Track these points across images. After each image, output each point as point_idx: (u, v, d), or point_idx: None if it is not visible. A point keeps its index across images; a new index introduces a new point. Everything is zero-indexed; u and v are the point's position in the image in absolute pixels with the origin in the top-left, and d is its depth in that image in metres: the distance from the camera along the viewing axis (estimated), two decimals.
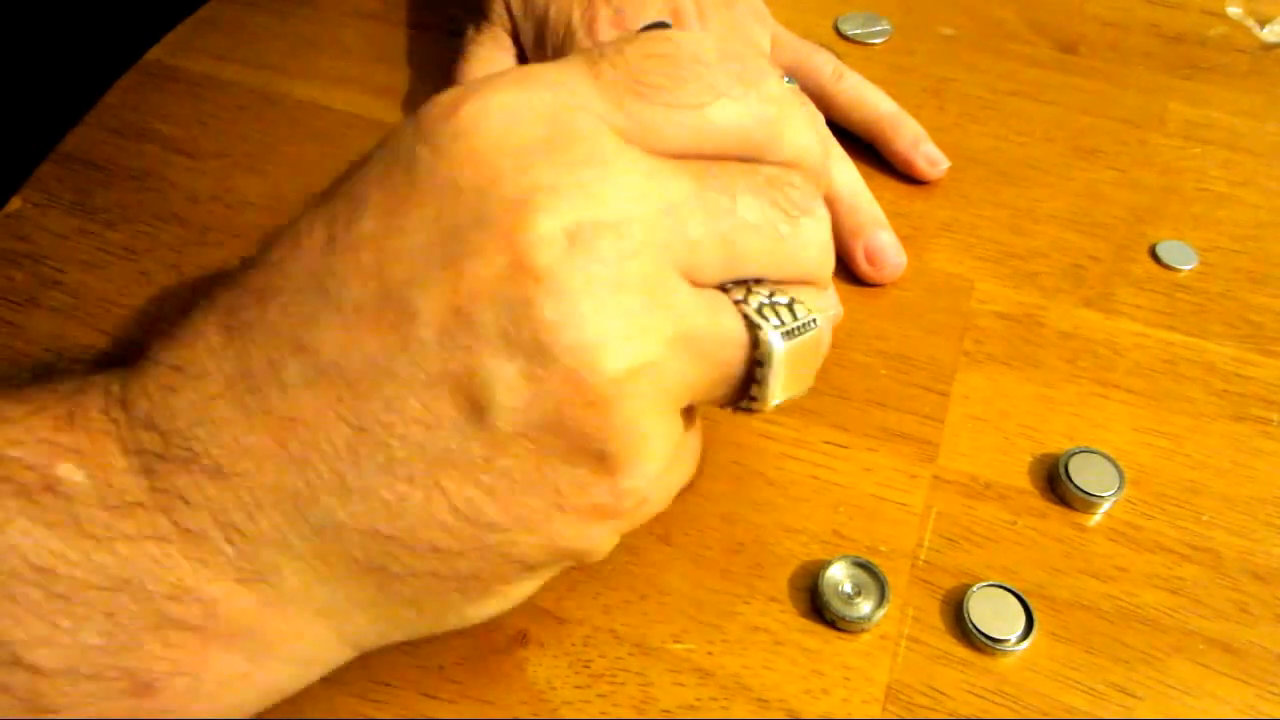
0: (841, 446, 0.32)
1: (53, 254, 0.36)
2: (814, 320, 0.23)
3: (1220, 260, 0.39)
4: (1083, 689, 0.27)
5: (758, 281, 0.23)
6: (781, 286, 0.23)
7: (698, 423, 0.25)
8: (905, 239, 0.37)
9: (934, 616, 0.28)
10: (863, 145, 0.41)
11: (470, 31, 0.43)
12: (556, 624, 0.28)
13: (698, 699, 0.26)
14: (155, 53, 0.45)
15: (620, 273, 0.20)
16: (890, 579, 0.28)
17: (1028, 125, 0.44)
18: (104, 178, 0.39)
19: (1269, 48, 0.50)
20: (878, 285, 0.37)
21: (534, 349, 0.19)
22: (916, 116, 0.41)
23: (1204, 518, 0.31)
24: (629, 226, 0.20)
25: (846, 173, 0.38)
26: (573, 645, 0.27)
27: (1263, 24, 0.51)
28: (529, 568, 0.23)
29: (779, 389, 0.23)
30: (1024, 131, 0.44)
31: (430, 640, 0.27)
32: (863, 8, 0.50)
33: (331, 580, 0.21)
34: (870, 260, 0.36)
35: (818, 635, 0.28)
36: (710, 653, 0.27)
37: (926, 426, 0.33)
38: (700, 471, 0.31)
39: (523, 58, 0.42)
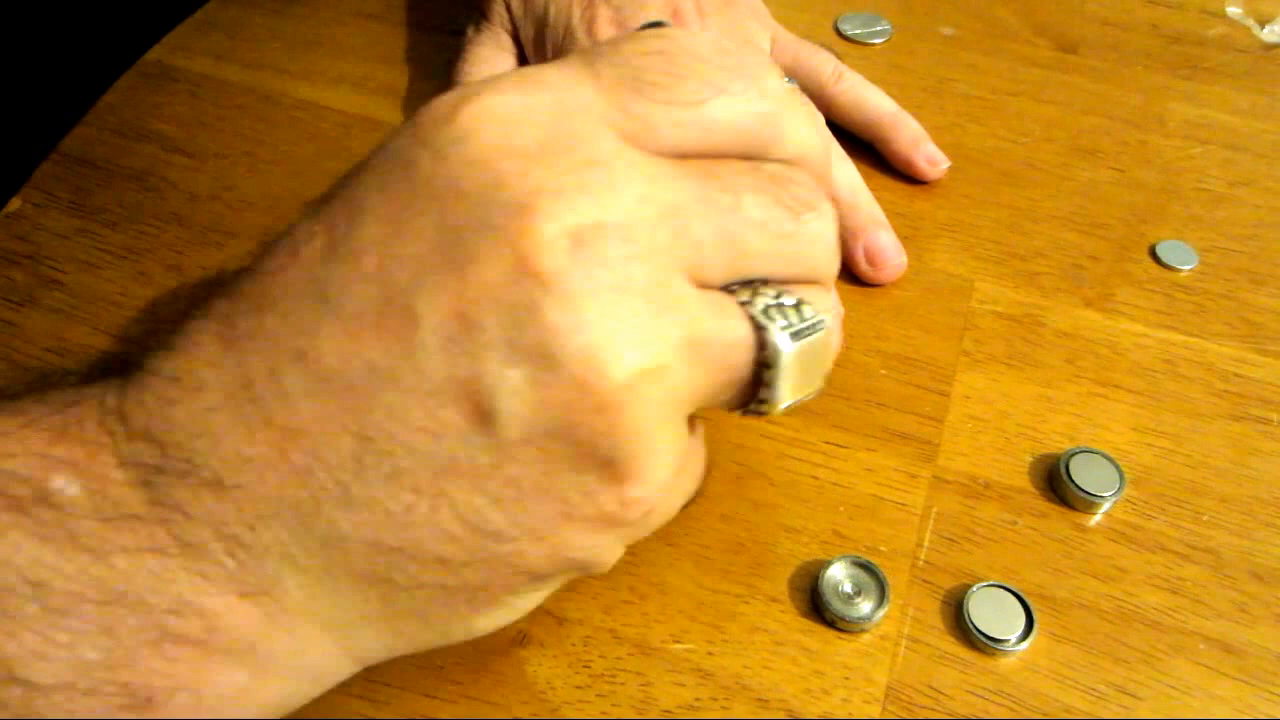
0: (841, 446, 0.32)
1: (53, 254, 0.36)
2: (822, 321, 0.22)
3: (1220, 260, 0.39)
4: (1083, 689, 0.27)
5: (764, 282, 0.22)
6: (788, 287, 0.22)
7: (700, 432, 0.25)
8: (905, 239, 0.37)
9: (934, 616, 0.28)
10: (863, 145, 0.41)
11: (470, 31, 0.43)
12: (556, 624, 0.28)
13: (698, 699, 0.26)
14: (155, 53, 0.45)
15: (625, 276, 0.19)
16: (890, 579, 0.28)
17: (1028, 125, 0.44)
18: (104, 178, 0.39)
19: (1269, 48, 0.50)
20: (878, 285, 0.37)
21: (540, 354, 0.19)
22: (916, 116, 0.41)
23: (1204, 518, 0.31)
24: (633, 229, 0.20)
25: (846, 173, 0.38)
26: (573, 645, 0.27)
27: (1263, 24, 0.51)
28: (536, 578, 0.22)
29: (788, 391, 0.22)
30: (1024, 131, 0.44)
31: None
32: (863, 8, 0.50)
33: (336, 593, 0.21)
34: (870, 260, 0.36)
35: (818, 635, 0.28)
36: (710, 653, 0.27)
37: (926, 426, 0.33)
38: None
39: (522, 58, 0.42)
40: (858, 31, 0.48)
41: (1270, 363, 0.35)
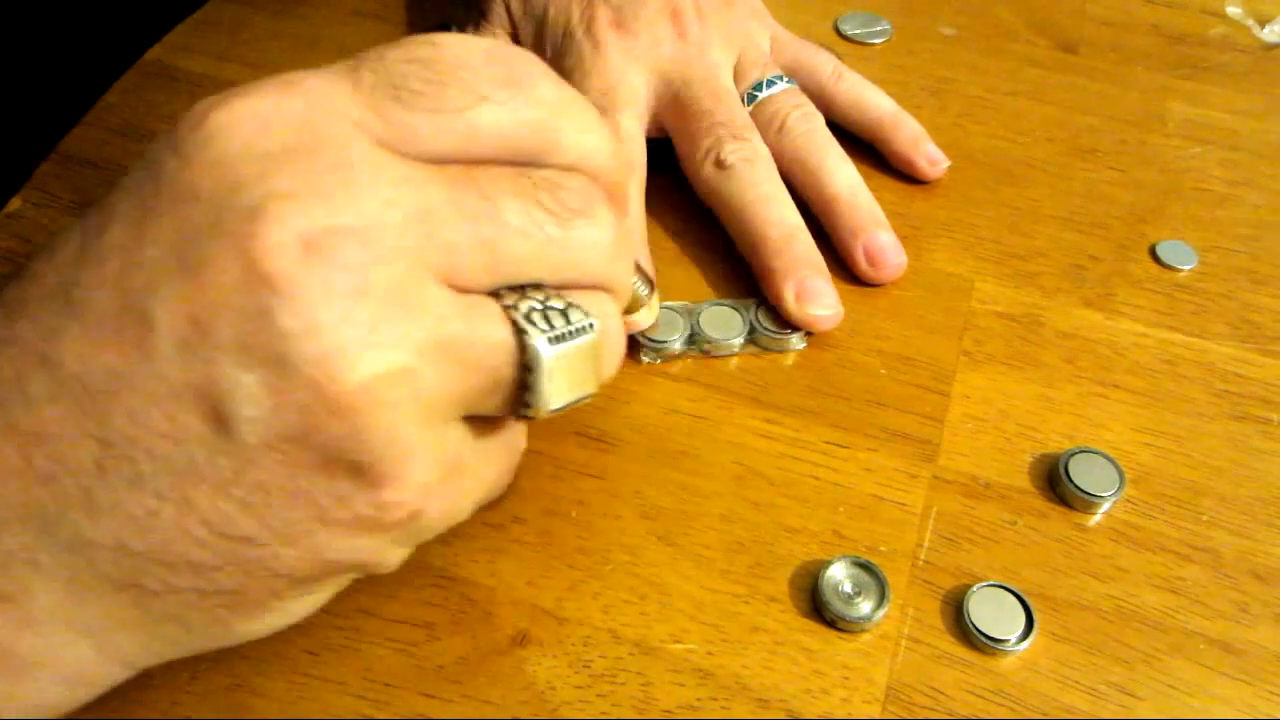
0: (841, 446, 0.32)
1: None
2: (589, 325, 0.22)
3: (1220, 260, 0.39)
4: (1083, 689, 0.27)
5: (536, 286, 0.22)
6: (561, 292, 0.23)
7: (506, 433, 0.25)
8: (905, 239, 0.37)
9: (934, 616, 0.28)
10: (863, 145, 0.41)
11: (469, 32, 0.43)
12: (556, 624, 0.28)
13: (698, 699, 0.26)
14: (155, 53, 0.45)
15: (364, 279, 0.19)
16: (890, 579, 0.28)
17: (1028, 125, 0.44)
18: (104, 178, 0.39)
19: (1269, 48, 0.50)
20: (878, 285, 0.37)
21: (273, 359, 0.19)
22: (916, 116, 0.41)
23: (1204, 518, 0.31)
24: (374, 232, 0.20)
25: (846, 173, 0.38)
26: (573, 645, 0.27)
27: (1263, 24, 0.51)
28: (300, 581, 0.22)
29: (551, 395, 0.22)
30: (1024, 131, 0.44)
31: (430, 640, 0.27)
32: (863, 8, 0.50)
33: (87, 599, 0.21)
34: (870, 260, 0.36)
35: (818, 635, 0.28)
36: (710, 653, 0.27)
37: (926, 426, 0.33)
38: (700, 472, 0.31)
39: None
40: (858, 31, 0.48)
41: (1270, 363, 0.35)
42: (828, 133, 0.39)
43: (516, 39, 0.42)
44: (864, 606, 0.28)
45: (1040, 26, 0.50)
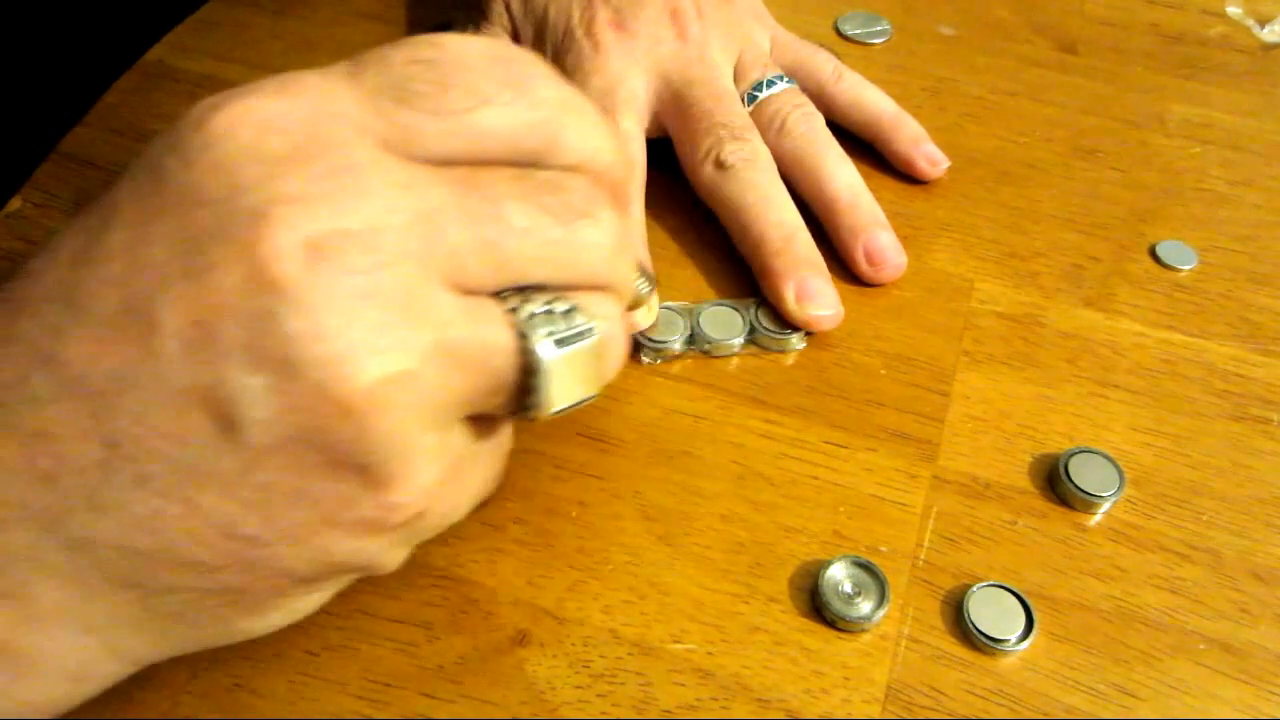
0: (841, 446, 0.32)
1: None
2: (591, 328, 0.22)
3: (1220, 260, 0.39)
4: (1083, 689, 0.27)
5: (539, 289, 0.22)
6: (565, 294, 0.23)
7: (499, 433, 0.25)
8: (905, 239, 0.37)
9: (934, 616, 0.28)
10: (863, 145, 0.41)
11: (470, 32, 0.43)
12: (556, 624, 0.28)
13: (698, 699, 0.26)
14: (155, 53, 0.45)
15: (369, 283, 0.19)
16: (890, 579, 0.28)
17: (1028, 125, 0.44)
18: (104, 178, 0.39)
19: (1269, 48, 0.50)
20: (878, 285, 0.37)
21: (279, 362, 0.19)
22: (916, 116, 0.41)
23: (1204, 518, 0.31)
24: (379, 236, 0.20)
25: (846, 173, 0.38)
26: (573, 645, 0.27)
27: (1263, 24, 0.51)
28: (303, 581, 0.22)
29: (554, 397, 0.22)
30: (1024, 131, 0.44)
31: (430, 640, 0.27)
32: (863, 8, 0.50)
33: (90, 597, 0.21)
34: (870, 260, 0.36)
35: (818, 635, 0.28)
36: (710, 653, 0.27)
37: (926, 426, 0.33)
38: (700, 472, 0.31)
39: None
40: (858, 31, 0.48)
41: (1270, 363, 0.35)
42: (828, 133, 0.39)
43: (517, 39, 0.42)
44: (864, 606, 0.28)
45: (1040, 26, 0.50)
